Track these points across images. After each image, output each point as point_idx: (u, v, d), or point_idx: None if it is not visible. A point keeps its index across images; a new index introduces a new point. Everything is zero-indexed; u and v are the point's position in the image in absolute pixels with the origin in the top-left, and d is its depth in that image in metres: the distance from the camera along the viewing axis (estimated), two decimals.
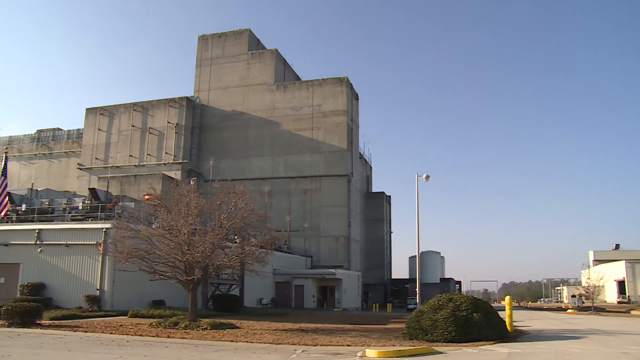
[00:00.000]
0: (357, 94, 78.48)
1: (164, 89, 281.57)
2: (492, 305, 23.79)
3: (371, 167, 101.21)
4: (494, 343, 19.16)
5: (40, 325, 24.66)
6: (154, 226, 28.66)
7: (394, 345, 18.70)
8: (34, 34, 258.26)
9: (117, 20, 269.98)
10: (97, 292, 33.96)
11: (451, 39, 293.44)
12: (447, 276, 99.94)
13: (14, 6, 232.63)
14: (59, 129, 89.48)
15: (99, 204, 38.83)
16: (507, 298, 24.65)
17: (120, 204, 39.55)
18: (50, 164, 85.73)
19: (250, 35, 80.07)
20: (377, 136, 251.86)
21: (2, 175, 31.13)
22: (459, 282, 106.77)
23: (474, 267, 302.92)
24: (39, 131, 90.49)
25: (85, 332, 22.67)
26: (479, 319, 19.79)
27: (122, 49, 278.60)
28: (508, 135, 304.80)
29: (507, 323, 22.35)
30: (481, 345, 18.67)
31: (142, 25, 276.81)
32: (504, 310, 23.72)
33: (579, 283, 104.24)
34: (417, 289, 40.54)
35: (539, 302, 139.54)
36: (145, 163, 73.27)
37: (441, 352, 16.94)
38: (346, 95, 72.07)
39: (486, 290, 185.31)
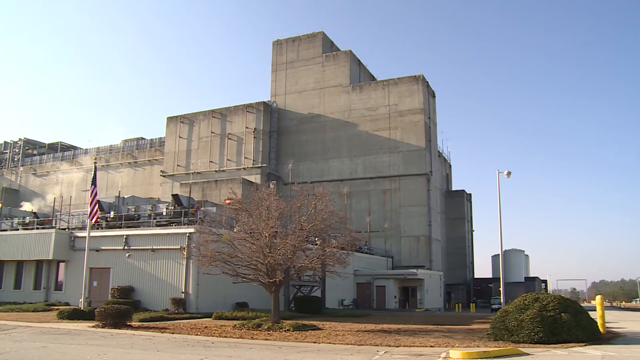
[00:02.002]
0: (433, 92, 77.51)
1: (241, 95, 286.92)
2: (582, 305, 22.79)
3: (450, 165, 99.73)
4: (585, 345, 18.39)
5: (131, 327, 25.62)
6: (235, 230, 29.23)
7: (478, 347, 18.38)
8: (118, 51, 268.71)
9: (193, 31, 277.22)
10: (183, 295, 34.90)
11: (529, 34, 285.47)
12: (532, 275, 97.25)
13: (94, 26, 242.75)
14: (143, 138, 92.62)
15: (182, 210, 39.88)
16: (598, 297, 23.69)
17: (202, 209, 40.54)
18: (135, 172, 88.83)
19: (324, 38, 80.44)
20: (456, 134, 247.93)
21: (92, 184, 32.47)
22: (545, 281, 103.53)
23: (560, 265, 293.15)
24: (124, 141, 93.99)
25: (172, 333, 23.39)
26: (567, 320, 19.09)
27: (198, 58, 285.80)
28: (591, 130, 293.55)
29: (598, 324, 21.34)
30: (571, 347, 17.99)
31: (217, 34, 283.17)
32: (595, 310, 22.81)
33: None
34: (501, 289, 39.57)
35: (634, 302, 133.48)
36: (225, 168, 74.77)
37: (528, 354, 16.49)
38: (422, 93, 71.26)
39: (574, 289, 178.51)
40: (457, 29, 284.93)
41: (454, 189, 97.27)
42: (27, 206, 69.10)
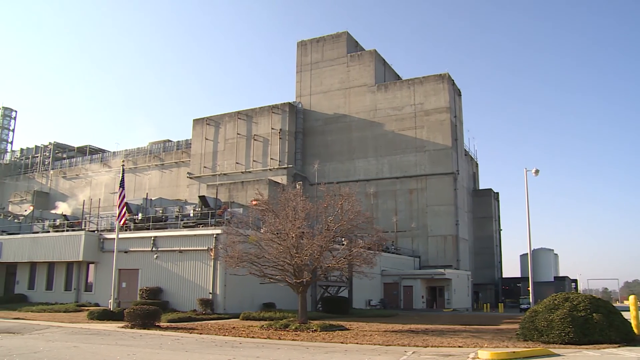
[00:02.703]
0: (459, 90, 76.99)
1: (266, 96, 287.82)
2: (614, 305, 22.32)
3: (477, 164, 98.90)
4: (619, 346, 17.97)
5: (159, 327, 25.86)
6: (262, 231, 29.36)
7: (507, 347, 18.21)
8: (144, 55, 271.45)
9: (217, 33, 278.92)
10: (210, 296, 35.11)
11: (557, 32, 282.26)
12: (561, 274, 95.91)
13: (120, 31, 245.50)
14: (169, 141, 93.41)
15: (209, 211, 40.15)
16: (632, 297, 23.20)
17: (229, 210, 40.75)
18: (163, 174, 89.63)
19: (348, 38, 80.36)
20: (482, 132, 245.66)
21: (120, 187, 32.84)
22: (575, 281, 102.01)
23: (591, 265, 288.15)
24: (151, 144, 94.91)
25: (200, 333, 23.55)
26: (599, 320, 18.73)
27: (223, 60, 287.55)
28: (622, 129, 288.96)
29: (632, 325, 20.85)
30: (603, 348, 17.63)
31: (241, 36, 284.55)
32: (628, 311, 22.38)
33: None
34: (529, 288, 39.20)
35: None
36: (251, 169, 75.07)
37: (558, 355, 16.27)
38: (448, 92, 70.82)
39: (606, 289, 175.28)
40: (483, 26, 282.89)
41: (481, 187, 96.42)
42: (62, 207, 70.22)
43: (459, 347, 19.05)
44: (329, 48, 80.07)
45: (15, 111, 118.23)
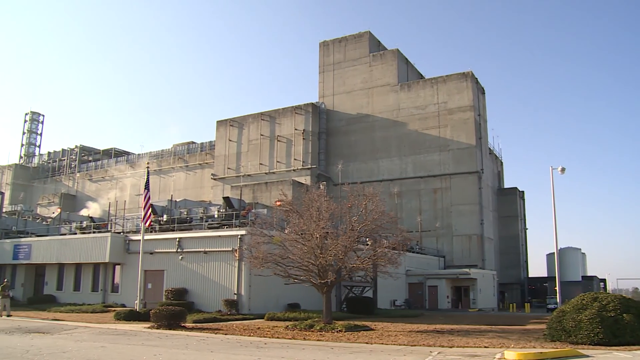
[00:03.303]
0: (483, 88, 76.42)
1: (288, 97, 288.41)
2: None
3: (502, 163, 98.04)
4: None
5: (185, 328, 26.03)
6: (286, 231, 29.42)
7: (534, 347, 18.03)
8: (167, 58, 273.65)
9: (237, 36, 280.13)
10: (235, 296, 35.22)
11: (582, 26, 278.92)
12: (589, 274, 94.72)
13: (142, 35, 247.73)
14: (193, 142, 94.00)
15: (233, 212, 40.32)
16: None
17: (253, 211, 40.91)
18: (187, 175, 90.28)
19: (371, 37, 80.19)
20: (507, 130, 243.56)
21: (145, 188, 33.15)
22: (604, 280, 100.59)
23: (620, 264, 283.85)
24: (175, 145, 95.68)
25: (226, 334, 23.66)
26: (630, 320, 18.38)
27: (245, 62, 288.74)
28: None
29: None
30: (635, 349, 17.26)
31: (263, 38, 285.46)
32: None
33: None
34: (556, 288, 38.74)
35: None
36: (275, 170, 75.25)
37: (588, 356, 16.02)
38: (471, 90, 70.33)
39: (636, 289, 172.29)
40: (506, 23, 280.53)
41: (506, 186, 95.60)
42: (93, 207, 71.21)
43: (485, 347, 18.90)
44: (352, 48, 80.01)
45: (43, 115, 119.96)
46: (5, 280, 34.02)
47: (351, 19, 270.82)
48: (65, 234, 49.77)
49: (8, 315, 32.55)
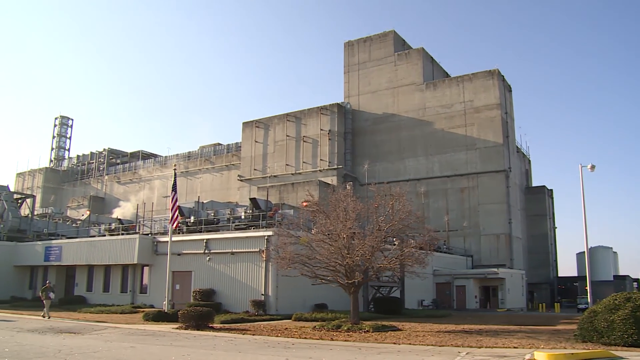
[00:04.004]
0: (509, 86, 75.64)
1: (314, 98, 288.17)
2: None
3: (530, 161, 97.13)
4: None
5: (212, 328, 26.18)
6: (313, 232, 29.42)
7: (565, 348, 17.77)
8: (193, 60, 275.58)
9: (264, 36, 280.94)
10: (262, 297, 35.30)
11: (610, 19, 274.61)
12: (621, 273, 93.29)
13: (177, 34, 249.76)
14: (219, 144, 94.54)
15: (260, 213, 40.42)
16: None
17: (280, 211, 40.93)
18: (213, 177, 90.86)
19: (395, 37, 79.89)
20: (535, 128, 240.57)
21: (173, 190, 33.41)
22: (637, 280, 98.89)
23: None
24: (202, 147, 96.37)
25: (253, 334, 23.73)
26: None
27: (270, 64, 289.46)
28: None
29: None
30: None
31: (286, 39, 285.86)
32: None
33: None
34: (587, 288, 38.18)
35: None
36: (301, 171, 75.33)
37: (621, 357, 15.68)
38: (498, 88, 69.69)
39: None
40: (530, 18, 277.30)
41: (534, 185, 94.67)
42: (127, 206, 72.08)
43: (514, 347, 18.68)
44: (376, 48, 79.82)
45: (72, 119, 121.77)
46: (48, 282, 34.12)
47: (376, 18, 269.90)
48: (94, 236, 50.42)
49: (47, 318, 32.41)
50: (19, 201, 62.25)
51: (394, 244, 29.88)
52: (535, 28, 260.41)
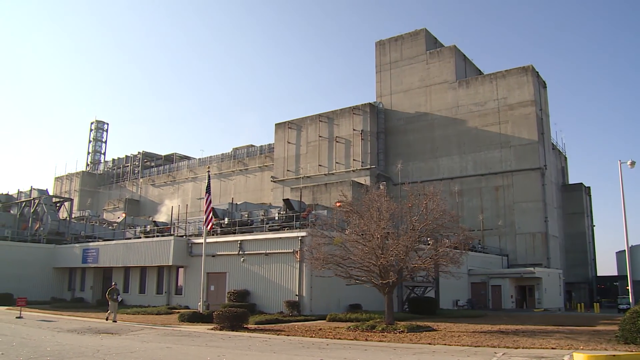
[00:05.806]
0: (544, 82, 74.50)
1: (346, 98, 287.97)
2: None
3: (566, 158, 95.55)
4: None
5: (247, 329, 26.28)
6: (347, 232, 29.33)
7: (606, 350, 17.36)
8: (225, 62, 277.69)
9: (296, 37, 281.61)
10: (297, 298, 35.33)
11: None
12: None
13: (204, 35, 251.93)
14: (252, 146, 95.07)
15: (294, 214, 40.47)
16: None
17: (313, 212, 40.96)
18: (247, 178, 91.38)
19: (427, 35, 79.38)
20: (571, 124, 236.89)
21: (207, 192, 33.65)
22: None
23: None
24: (235, 149, 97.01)
25: (288, 335, 23.75)
26: None
27: (302, 64, 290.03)
28: None
29: None
30: None
31: (318, 39, 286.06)
32: None
33: None
34: (628, 287, 37.35)
35: None
36: (334, 171, 75.29)
37: None
38: (532, 84, 68.72)
39: None
40: (564, 12, 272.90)
41: (571, 182, 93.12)
42: (168, 205, 73.14)
43: (552, 349, 18.34)
44: (408, 46, 79.43)
45: (107, 124, 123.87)
46: (114, 283, 34.32)
47: (407, 17, 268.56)
48: (130, 238, 51.13)
49: (113, 321, 31.06)
50: (58, 205, 63.64)
51: (428, 244, 29.66)
52: (570, 22, 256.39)
